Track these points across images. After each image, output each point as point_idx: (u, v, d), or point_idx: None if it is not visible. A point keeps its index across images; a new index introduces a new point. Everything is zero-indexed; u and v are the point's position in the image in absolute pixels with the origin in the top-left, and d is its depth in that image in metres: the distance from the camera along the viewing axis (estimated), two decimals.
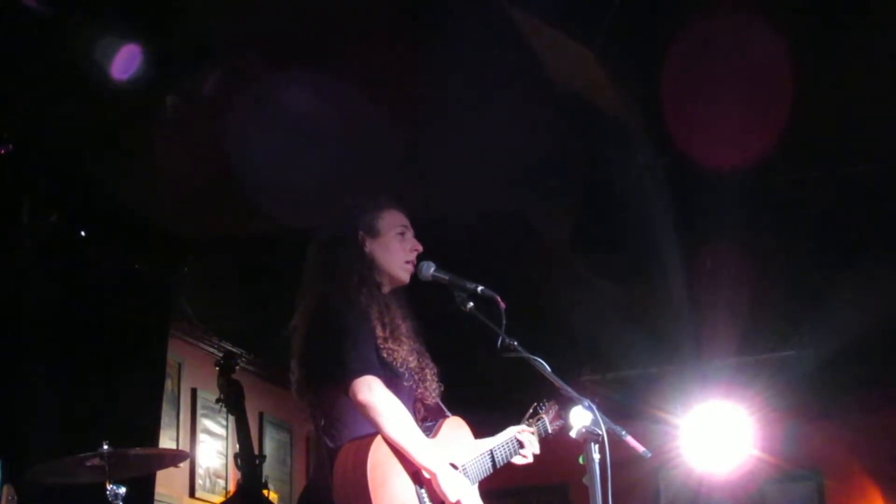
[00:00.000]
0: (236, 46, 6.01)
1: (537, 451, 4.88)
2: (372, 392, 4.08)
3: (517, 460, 4.81)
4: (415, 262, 4.53)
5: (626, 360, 10.24)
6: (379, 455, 4.04)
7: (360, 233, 4.51)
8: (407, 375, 4.35)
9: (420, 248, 4.56)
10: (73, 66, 5.75)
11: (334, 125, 6.52)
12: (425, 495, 4.13)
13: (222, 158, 6.65)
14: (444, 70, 6.18)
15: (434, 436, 4.37)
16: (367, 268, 4.46)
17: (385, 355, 4.26)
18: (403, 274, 4.53)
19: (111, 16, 5.55)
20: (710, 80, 6.45)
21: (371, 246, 4.50)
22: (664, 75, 6.40)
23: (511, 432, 4.81)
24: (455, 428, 4.52)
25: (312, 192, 6.41)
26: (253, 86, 6.20)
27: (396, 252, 4.53)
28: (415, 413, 4.39)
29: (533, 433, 4.88)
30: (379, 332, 4.29)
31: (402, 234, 4.57)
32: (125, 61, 5.66)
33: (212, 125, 6.42)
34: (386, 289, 4.50)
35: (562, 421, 5.04)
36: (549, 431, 5.01)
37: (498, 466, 4.66)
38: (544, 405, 5.03)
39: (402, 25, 5.97)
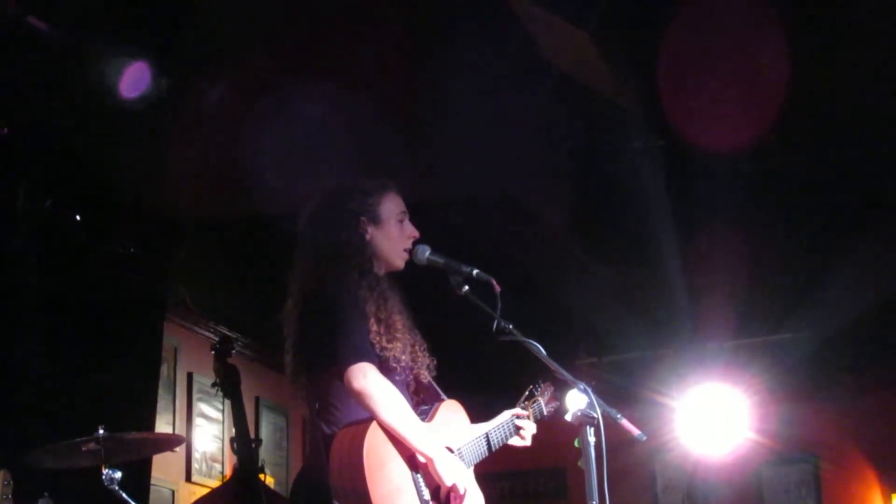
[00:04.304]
0: (235, 39, 6.00)
1: (534, 433, 4.89)
2: (367, 378, 4.07)
3: (514, 442, 4.82)
4: (410, 248, 4.52)
5: (623, 343, 10.25)
6: (375, 440, 4.04)
7: (363, 219, 4.48)
8: (399, 370, 4.34)
9: (417, 235, 4.54)
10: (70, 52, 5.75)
11: (331, 109, 6.51)
12: (421, 480, 4.14)
13: (218, 141, 6.64)
14: (442, 53, 6.17)
15: (430, 420, 4.38)
16: (368, 258, 4.44)
17: (379, 351, 4.24)
18: (400, 262, 4.52)
19: (118, 26, 5.55)
20: (707, 61, 6.44)
21: (372, 233, 4.47)
22: (660, 58, 6.39)
23: (506, 415, 4.81)
24: (451, 411, 4.52)
25: (309, 175, 6.40)
26: (250, 73, 6.18)
27: (396, 240, 4.51)
28: (409, 400, 4.38)
29: (528, 415, 4.88)
30: (374, 327, 4.26)
31: (402, 221, 4.55)
32: (135, 80, 5.66)
33: (208, 109, 6.41)
34: (381, 273, 4.48)
35: (557, 402, 5.06)
36: (545, 413, 5.01)
37: (493, 450, 4.67)
38: (539, 387, 5.04)
39: (399, 10, 5.95)
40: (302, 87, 6.32)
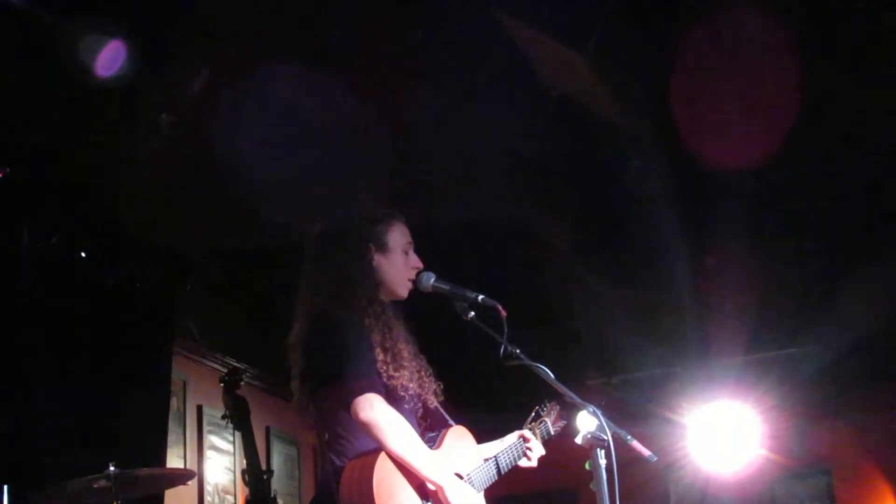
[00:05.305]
0: (229, 61, 6.01)
1: (542, 454, 4.88)
2: (374, 409, 4.07)
3: (521, 463, 4.80)
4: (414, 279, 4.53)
5: (633, 362, 10.24)
6: (384, 470, 4.03)
7: (371, 246, 4.49)
8: (408, 398, 4.33)
9: (421, 266, 4.55)
10: (71, 87, 5.75)
11: (334, 134, 6.52)
12: None
13: (220, 173, 6.65)
14: (445, 76, 6.18)
15: (437, 447, 4.36)
16: (375, 286, 4.44)
17: (386, 380, 4.24)
18: (405, 291, 4.53)
19: (100, 12, 5.54)
20: (714, 79, 6.43)
21: (379, 260, 4.48)
22: (667, 77, 6.38)
23: (513, 437, 4.80)
24: (458, 437, 4.51)
25: (313, 203, 6.41)
26: (248, 101, 6.19)
27: (402, 269, 4.52)
28: (417, 428, 4.37)
29: (536, 436, 4.88)
30: (380, 356, 4.26)
31: (407, 251, 4.56)
32: (110, 58, 5.64)
33: (209, 140, 6.42)
34: (386, 301, 4.48)
35: (564, 421, 5.06)
36: (552, 434, 5.02)
37: (503, 473, 4.66)
38: (545, 407, 5.04)
39: (398, 34, 5.96)
40: (304, 114, 6.32)
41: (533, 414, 5.03)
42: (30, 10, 5.37)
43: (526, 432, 4.87)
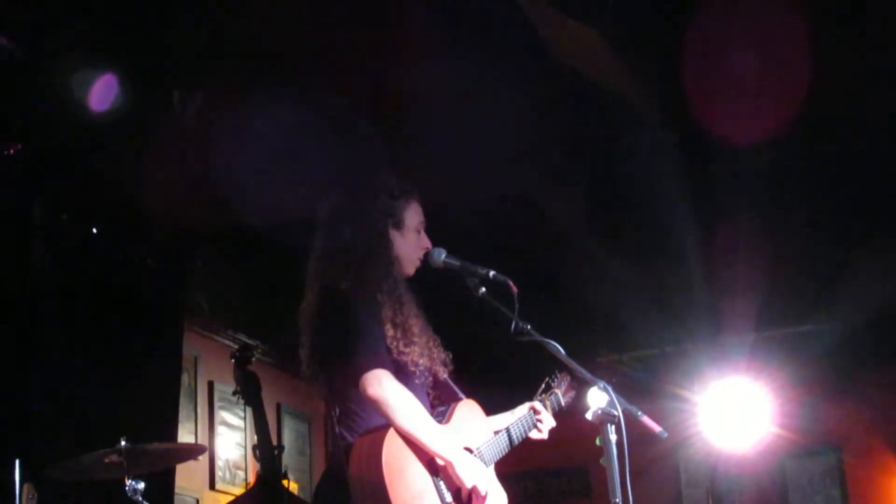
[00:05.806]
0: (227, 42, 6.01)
1: (552, 426, 4.87)
2: (381, 386, 4.07)
3: (531, 435, 4.80)
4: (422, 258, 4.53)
5: (644, 339, 10.22)
6: (393, 447, 4.04)
7: (389, 221, 4.48)
8: (418, 373, 4.33)
9: (430, 246, 4.56)
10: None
11: (341, 113, 6.51)
12: (442, 483, 4.13)
13: (230, 150, 6.64)
14: (453, 51, 6.16)
15: (447, 421, 4.37)
16: (389, 261, 4.43)
17: (396, 356, 4.24)
18: (412, 269, 4.55)
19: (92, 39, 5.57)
20: (726, 52, 6.40)
21: (393, 236, 4.49)
22: (679, 50, 6.36)
23: (524, 409, 4.80)
24: (467, 411, 4.51)
25: (326, 179, 6.40)
26: (261, 85, 6.18)
27: (413, 248, 4.54)
28: (427, 403, 4.37)
29: (546, 408, 4.87)
30: (390, 332, 4.26)
31: (419, 231, 4.56)
32: (103, 93, 5.67)
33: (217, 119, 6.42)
34: (399, 277, 4.48)
35: (574, 392, 5.05)
36: (563, 405, 5.02)
37: (514, 445, 4.65)
38: (556, 378, 5.04)
39: (409, 10, 5.94)
40: (318, 88, 6.31)
41: (543, 385, 5.02)
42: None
43: (536, 404, 4.86)
